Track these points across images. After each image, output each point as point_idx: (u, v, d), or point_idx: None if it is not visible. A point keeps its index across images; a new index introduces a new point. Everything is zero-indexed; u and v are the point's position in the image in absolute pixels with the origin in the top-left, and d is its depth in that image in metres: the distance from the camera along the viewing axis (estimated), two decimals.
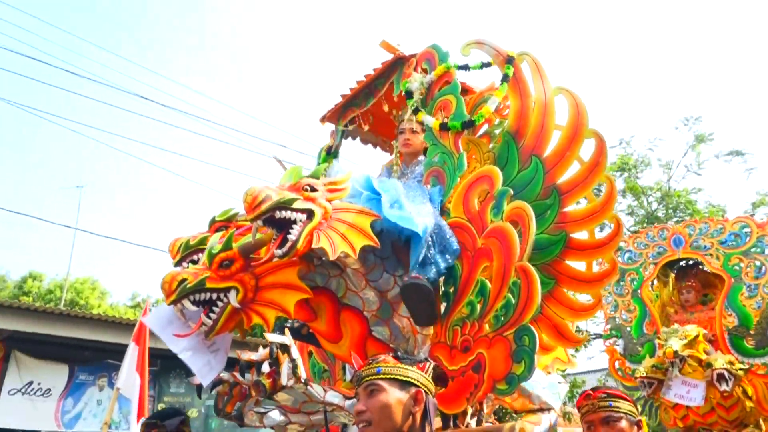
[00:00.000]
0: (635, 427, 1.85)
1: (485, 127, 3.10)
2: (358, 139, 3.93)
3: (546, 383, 3.07)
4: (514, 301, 2.20)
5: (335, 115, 3.69)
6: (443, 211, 2.65)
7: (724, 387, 4.02)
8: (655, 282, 5.29)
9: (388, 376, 1.59)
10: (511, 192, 2.46)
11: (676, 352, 4.15)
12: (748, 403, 4.28)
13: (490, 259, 2.34)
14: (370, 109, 3.53)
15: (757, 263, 4.42)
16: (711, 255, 4.65)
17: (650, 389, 4.39)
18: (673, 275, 5.11)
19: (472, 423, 2.82)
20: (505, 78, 2.84)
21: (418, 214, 2.45)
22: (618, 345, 5.05)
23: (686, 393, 4.27)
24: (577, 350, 12.27)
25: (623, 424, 1.81)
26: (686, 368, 4.26)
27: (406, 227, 2.36)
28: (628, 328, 4.99)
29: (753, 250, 4.47)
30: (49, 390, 7.99)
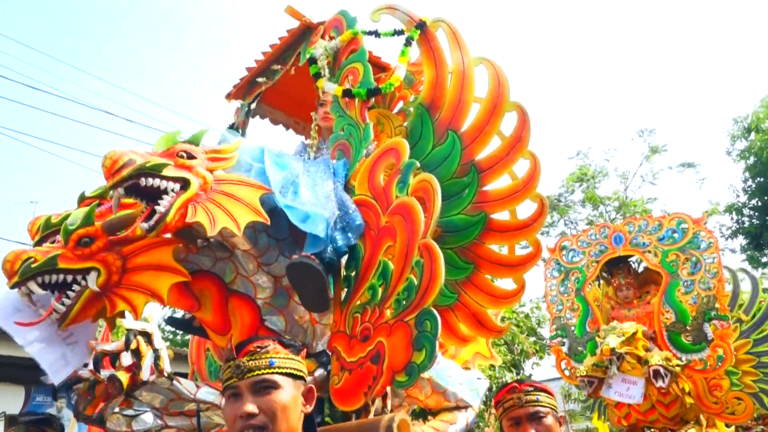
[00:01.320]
0: (557, 424, 1.75)
1: (400, 105, 2.95)
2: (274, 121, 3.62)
3: (464, 379, 2.88)
4: (416, 283, 1.98)
5: (241, 91, 3.37)
6: (349, 189, 2.43)
7: (660, 383, 3.97)
8: (601, 281, 5.27)
9: (282, 371, 1.35)
10: (418, 165, 2.24)
11: (613, 350, 4.10)
12: (688, 399, 4.24)
13: (393, 238, 2.12)
14: (280, 86, 3.28)
15: (693, 259, 4.41)
16: (650, 252, 4.63)
17: (591, 388, 4.33)
18: (613, 272, 5.09)
19: None
20: (408, 42, 2.65)
21: (315, 199, 2.24)
22: (563, 345, 4.99)
23: (626, 391, 4.21)
24: (541, 357, 12.24)
25: (550, 420, 1.70)
26: (625, 366, 4.21)
27: (301, 227, 2.15)
28: (573, 328, 4.94)
29: (689, 246, 4.46)
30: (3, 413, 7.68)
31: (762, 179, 14.68)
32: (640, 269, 5.12)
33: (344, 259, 2.33)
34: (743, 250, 15.18)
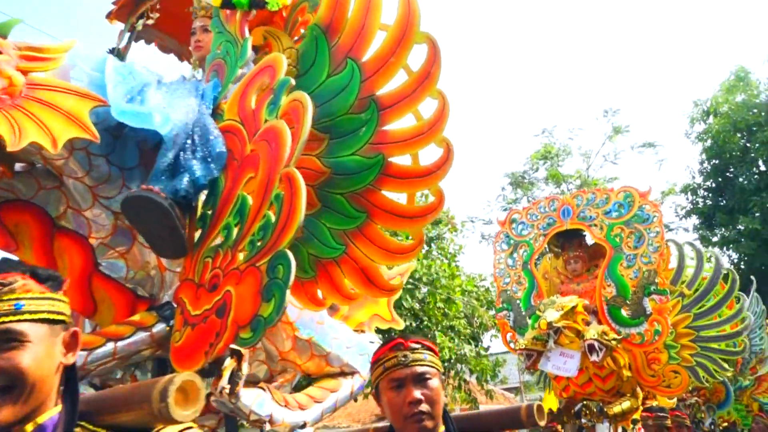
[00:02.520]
0: (442, 387, 1.57)
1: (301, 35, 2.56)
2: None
3: (353, 343, 2.61)
4: (273, 220, 1.68)
5: (126, 10, 2.88)
6: (218, 115, 2.11)
7: (594, 357, 3.97)
8: (550, 255, 5.25)
9: (34, 316, 1.04)
10: (293, 83, 1.90)
11: (550, 323, 4.07)
12: (625, 373, 4.26)
13: (256, 168, 1.80)
14: (172, 6, 2.82)
15: (637, 233, 4.39)
16: (596, 225, 4.60)
17: (530, 361, 4.32)
18: (565, 246, 5.06)
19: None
20: None
21: (164, 109, 1.91)
22: (509, 318, 4.97)
23: (563, 364, 4.20)
24: (499, 330, 12.36)
25: (436, 383, 1.49)
26: (563, 339, 4.20)
27: (139, 126, 1.80)
28: (518, 301, 4.91)
29: (634, 219, 4.43)
30: None
31: (717, 161, 14.99)
32: (592, 243, 5.11)
33: (203, 197, 2.01)
34: (696, 229, 15.55)
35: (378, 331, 2.98)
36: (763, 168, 14.15)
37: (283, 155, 1.71)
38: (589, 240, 4.96)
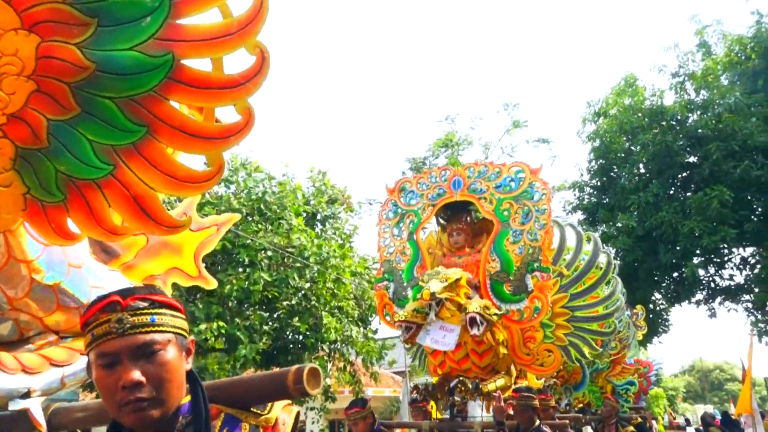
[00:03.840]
0: (183, 356, 1.14)
1: None
2: None
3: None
4: None
5: None
6: None
7: (474, 331, 3.81)
8: (437, 228, 5.07)
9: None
10: None
11: (433, 294, 3.87)
12: (502, 350, 4.17)
13: None
14: None
15: (525, 209, 4.29)
16: (485, 199, 4.46)
17: (408, 333, 4.10)
18: (451, 219, 4.89)
19: None
20: None
21: None
22: (389, 289, 4.73)
23: (442, 338, 4.03)
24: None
25: (172, 354, 1.08)
26: (444, 312, 4.02)
27: None
28: (401, 272, 4.69)
29: (523, 195, 4.33)
30: None
31: (603, 161, 15.83)
32: (479, 219, 4.98)
33: None
34: (580, 224, 16.35)
35: (175, 288, 2.48)
36: (642, 170, 15.11)
37: None
38: (477, 216, 4.84)
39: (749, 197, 13.22)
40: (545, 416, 4.66)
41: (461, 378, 4.06)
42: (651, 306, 15.30)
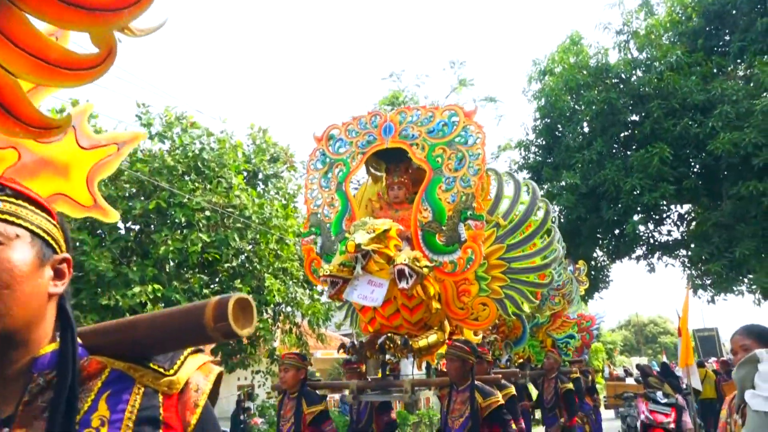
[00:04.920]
0: (51, 272, 0.84)
1: None
2: None
3: None
4: None
5: None
6: None
7: (403, 284, 3.56)
8: (369, 179, 4.76)
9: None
10: None
11: (358, 245, 3.58)
12: (434, 304, 3.94)
13: None
14: None
15: (459, 154, 4.02)
16: (417, 145, 4.16)
17: (334, 289, 3.81)
18: (390, 170, 4.58)
19: None
20: None
21: None
22: (316, 243, 4.41)
23: (370, 293, 3.76)
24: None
25: (18, 254, 0.79)
26: (372, 265, 3.74)
27: None
28: (329, 225, 4.37)
29: (457, 140, 4.05)
30: None
31: (548, 120, 15.79)
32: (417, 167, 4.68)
33: None
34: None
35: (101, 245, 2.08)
36: (587, 128, 15.16)
37: None
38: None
39: (688, 153, 13.45)
40: (480, 370, 4.52)
41: (389, 335, 3.83)
42: (593, 263, 15.60)
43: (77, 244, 8.62)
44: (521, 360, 7.52)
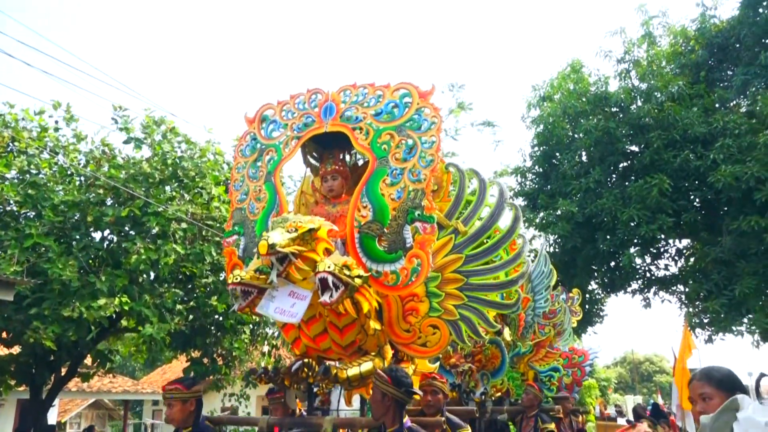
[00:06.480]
0: None
1: None
2: None
3: None
4: None
5: None
6: None
7: (325, 297, 2.81)
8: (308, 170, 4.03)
9: None
10: None
11: (272, 246, 2.84)
12: (372, 324, 3.17)
13: None
14: None
15: (409, 142, 3.31)
16: (361, 129, 3.45)
17: (245, 301, 3.05)
18: (324, 157, 3.85)
19: None
20: None
21: None
22: (239, 245, 3.67)
23: (290, 307, 3.01)
24: None
25: None
26: (294, 273, 2.99)
27: None
28: (253, 223, 3.63)
29: (408, 124, 3.35)
30: None
31: (546, 147, 15.18)
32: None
33: None
34: (521, 210, 15.66)
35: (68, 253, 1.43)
36: (584, 157, 14.52)
37: None
38: (358, 156, 3.82)
39: (687, 186, 12.80)
40: (434, 402, 3.73)
41: (306, 360, 3.05)
42: (587, 295, 14.80)
43: (42, 249, 7.93)
44: (499, 394, 6.67)
